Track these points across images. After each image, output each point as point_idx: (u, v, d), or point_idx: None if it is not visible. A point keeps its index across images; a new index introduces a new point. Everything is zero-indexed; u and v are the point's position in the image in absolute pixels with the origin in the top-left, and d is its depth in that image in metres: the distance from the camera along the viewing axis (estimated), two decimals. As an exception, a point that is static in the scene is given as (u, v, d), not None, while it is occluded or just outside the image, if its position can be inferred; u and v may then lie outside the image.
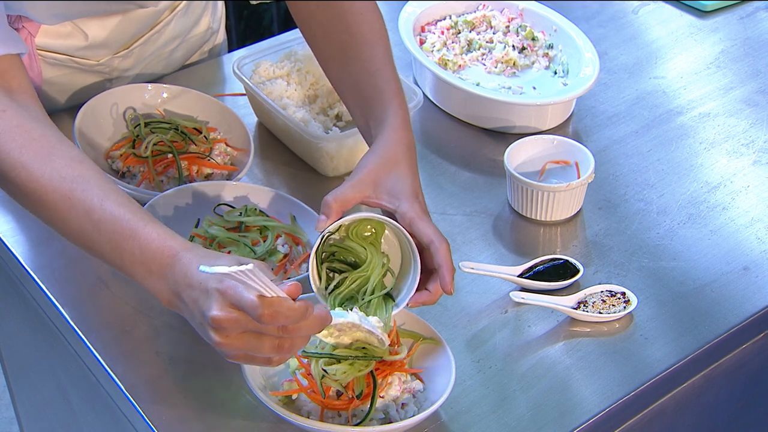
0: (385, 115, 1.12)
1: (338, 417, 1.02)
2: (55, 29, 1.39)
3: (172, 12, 1.50)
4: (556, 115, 1.49)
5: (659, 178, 1.40)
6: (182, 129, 1.34)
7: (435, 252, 1.03)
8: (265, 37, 1.71)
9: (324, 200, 1.05)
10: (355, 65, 1.17)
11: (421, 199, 1.08)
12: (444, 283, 1.03)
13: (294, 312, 0.90)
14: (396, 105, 1.13)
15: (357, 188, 1.06)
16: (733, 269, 1.25)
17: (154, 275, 0.96)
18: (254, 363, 0.95)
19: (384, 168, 1.07)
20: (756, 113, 1.53)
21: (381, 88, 1.14)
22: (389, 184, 1.07)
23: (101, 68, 1.47)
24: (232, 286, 0.89)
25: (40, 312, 1.24)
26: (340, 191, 1.05)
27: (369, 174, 1.07)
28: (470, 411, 1.06)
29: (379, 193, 1.07)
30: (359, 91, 1.16)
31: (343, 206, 1.05)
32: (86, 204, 0.98)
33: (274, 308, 0.89)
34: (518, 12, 1.63)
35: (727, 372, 1.23)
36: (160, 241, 0.96)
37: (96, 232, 0.98)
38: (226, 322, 0.90)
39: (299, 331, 0.92)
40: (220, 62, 1.63)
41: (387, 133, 1.10)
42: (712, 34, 1.72)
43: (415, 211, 1.05)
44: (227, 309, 0.90)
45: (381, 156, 1.08)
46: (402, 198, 1.06)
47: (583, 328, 1.17)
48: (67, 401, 1.37)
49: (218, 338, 0.91)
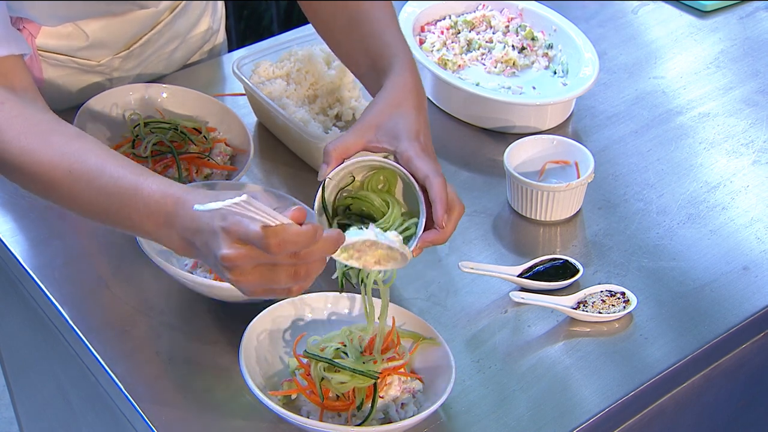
0: (390, 63, 1.12)
1: (338, 417, 1.02)
2: (56, 30, 1.39)
3: (171, 12, 1.50)
4: (556, 115, 1.49)
5: (659, 178, 1.40)
6: (182, 129, 1.34)
7: (429, 187, 1.02)
8: (265, 37, 1.71)
9: (324, 149, 1.05)
10: (362, 29, 1.17)
11: (422, 139, 1.06)
12: (436, 219, 1.02)
13: (302, 236, 0.88)
14: (402, 54, 1.13)
15: (358, 134, 1.06)
16: (733, 269, 1.25)
17: (162, 227, 0.95)
18: (276, 295, 0.94)
19: (386, 111, 1.07)
20: (755, 113, 1.53)
21: (388, 42, 1.15)
22: (390, 125, 1.06)
23: (102, 69, 1.47)
24: (236, 221, 0.88)
25: (40, 312, 1.24)
26: (341, 138, 1.05)
27: (371, 119, 1.07)
28: (470, 411, 1.06)
29: (379, 136, 1.06)
30: (367, 51, 1.16)
31: (343, 153, 1.05)
32: (87, 174, 0.98)
33: (280, 236, 0.87)
34: (518, 12, 1.63)
35: (726, 372, 1.23)
36: (161, 191, 0.95)
37: (103, 198, 0.97)
38: (237, 259, 0.89)
39: (312, 254, 0.91)
40: (220, 62, 1.63)
41: (391, 78, 1.10)
42: (711, 34, 1.72)
43: (413, 150, 1.04)
44: (235, 246, 0.89)
45: (384, 100, 1.08)
46: (401, 138, 1.05)
47: (583, 328, 1.17)
48: (66, 401, 1.37)
49: (233, 276, 0.91)
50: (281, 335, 1.10)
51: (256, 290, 0.93)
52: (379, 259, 1.00)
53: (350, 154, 1.06)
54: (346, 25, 1.19)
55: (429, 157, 1.05)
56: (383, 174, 1.08)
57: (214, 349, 1.12)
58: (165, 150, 1.31)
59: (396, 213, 1.06)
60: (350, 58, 1.21)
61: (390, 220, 1.05)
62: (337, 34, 1.22)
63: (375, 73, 1.15)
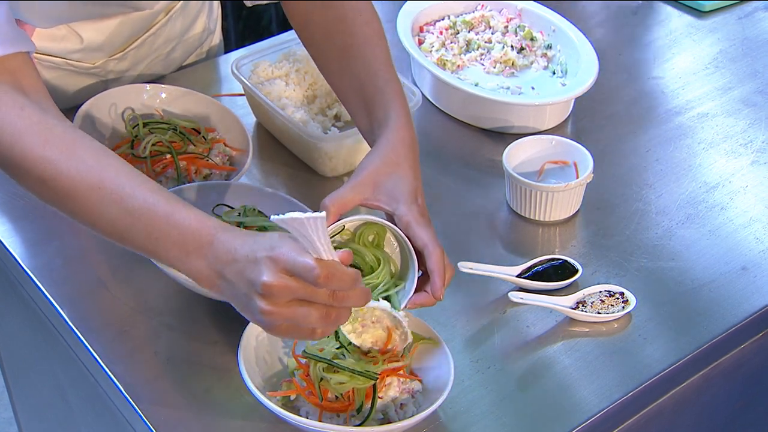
0: (387, 115, 1.12)
1: (337, 418, 1.02)
2: (50, 32, 1.39)
3: (167, 14, 1.50)
4: (555, 115, 1.49)
5: (658, 178, 1.40)
6: (181, 129, 1.34)
7: (428, 257, 1.03)
8: (264, 38, 1.71)
9: (322, 203, 1.05)
10: (356, 66, 1.16)
11: (420, 202, 1.07)
12: (434, 289, 1.03)
13: (348, 276, 0.91)
14: (398, 105, 1.13)
15: (356, 190, 1.06)
16: (732, 269, 1.25)
17: (192, 255, 0.95)
18: (297, 335, 0.95)
19: (384, 169, 1.07)
20: (754, 113, 1.53)
21: (382, 89, 1.14)
22: (389, 185, 1.06)
23: (97, 71, 1.47)
24: (285, 251, 0.89)
25: (39, 312, 1.24)
26: (339, 193, 1.05)
27: (369, 176, 1.07)
28: (469, 411, 1.06)
29: (378, 194, 1.06)
30: (360, 92, 1.16)
31: (341, 209, 1.05)
32: (118, 192, 0.97)
33: (329, 270, 0.89)
34: (517, 12, 1.63)
35: (725, 372, 1.23)
36: (197, 221, 0.95)
37: (129, 219, 0.97)
38: (277, 289, 0.89)
39: (347, 300, 0.92)
40: (218, 63, 1.63)
41: (389, 133, 1.10)
42: (710, 35, 1.72)
43: (412, 214, 1.05)
44: (279, 275, 0.89)
45: (382, 157, 1.08)
46: (400, 200, 1.06)
47: (582, 328, 1.17)
48: (65, 401, 1.37)
49: (267, 306, 0.90)
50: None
51: (282, 326, 0.93)
52: (377, 341, 1.03)
53: (347, 210, 1.06)
54: (337, 56, 1.19)
55: (426, 223, 1.06)
56: (374, 228, 1.08)
57: (213, 349, 1.12)
58: (164, 150, 1.31)
59: (386, 271, 1.06)
60: (342, 94, 1.20)
61: (379, 276, 1.06)
62: (330, 63, 1.21)
63: (368, 119, 1.15)
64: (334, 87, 1.21)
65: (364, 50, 1.17)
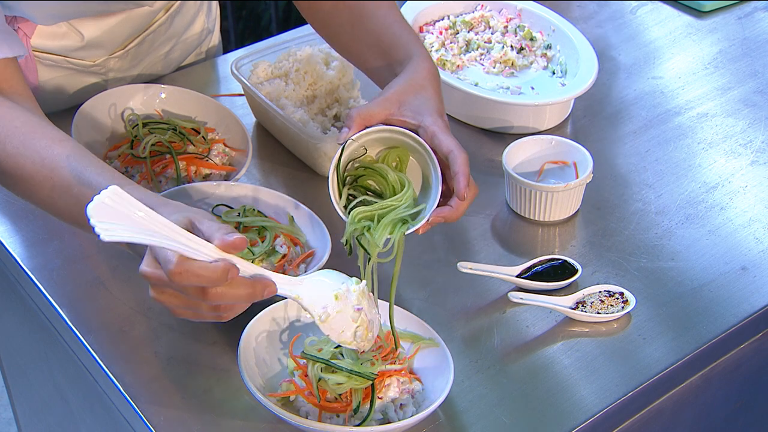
0: (409, 53, 1.13)
1: (336, 418, 1.02)
2: (51, 30, 1.39)
3: (167, 12, 1.50)
4: (555, 115, 1.49)
5: (657, 178, 1.40)
6: (180, 129, 1.34)
7: (453, 161, 1.04)
8: (264, 38, 1.71)
9: (347, 113, 1.06)
10: (369, 23, 1.18)
11: (444, 119, 1.08)
12: (458, 189, 1.03)
13: (207, 271, 0.85)
14: (419, 46, 1.14)
15: (382, 105, 1.07)
16: (731, 269, 1.25)
17: None
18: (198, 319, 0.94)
19: (410, 89, 1.08)
20: (754, 113, 1.53)
21: (399, 36, 1.16)
22: (415, 103, 1.07)
23: (97, 69, 1.47)
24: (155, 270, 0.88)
25: (38, 312, 1.24)
26: (365, 107, 1.06)
27: (395, 94, 1.08)
28: (468, 411, 1.06)
29: (403, 110, 1.07)
30: (377, 44, 1.17)
31: (366, 121, 1.06)
32: (66, 181, 0.98)
33: (184, 266, 0.84)
34: (516, 12, 1.63)
35: (724, 372, 1.23)
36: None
37: (77, 205, 0.98)
38: (150, 278, 0.88)
39: (222, 297, 0.87)
40: (216, 63, 1.63)
41: (414, 63, 1.11)
42: (710, 35, 1.72)
43: (438, 125, 1.05)
44: (153, 264, 0.88)
45: (408, 80, 1.09)
46: (426, 114, 1.07)
47: (582, 329, 1.17)
48: (65, 402, 1.37)
49: (152, 293, 0.90)
50: (279, 336, 1.10)
51: (179, 312, 0.92)
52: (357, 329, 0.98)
53: (373, 122, 1.07)
54: (348, 21, 1.20)
55: (451, 134, 1.06)
56: (397, 152, 1.09)
57: (212, 349, 1.12)
58: (163, 150, 1.31)
59: (410, 194, 1.06)
60: (354, 52, 1.21)
61: (403, 199, 1.05)
62: (338, 29, 1.22)
63: (387, 65, 1.16)
64: (348, 51, 1.23)
65: (377, 10, 1.19)
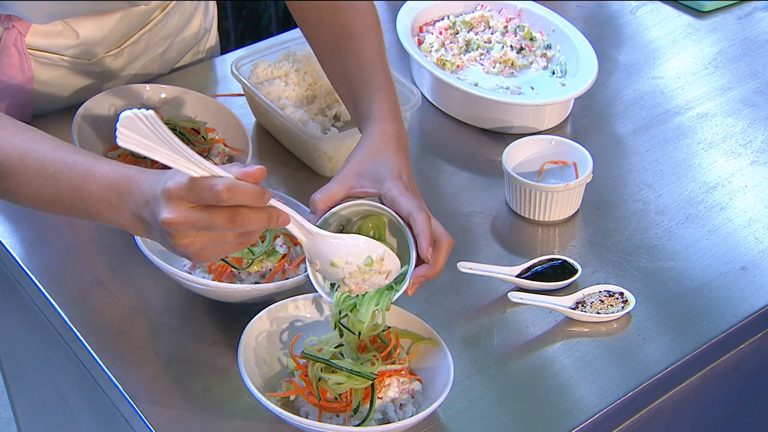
0: (370, 109, 1.13)
1: (336, 418, 1.02)
2: (46, 28, 1.39)
3: (163, 11, 1.50)
4: (554, 115, 1.49)
5: (657, 178, 1.40)
6: (180, 129, 1.34)
7: (413, 223, 1.03)
8: (264, 38, 1.71)
9: (311, 199, 1.06)
10: (346, 59, 1.18)
11: (405, 179, 1.07)
12: (421, 251, 1.02)
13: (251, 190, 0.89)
14: (381, 98, 1.14)
15: (341, 182, 1.07)
16: (731, 269, 1.25)
17: (115, 207, 0.96)
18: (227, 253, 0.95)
19: (366, 158, 1.08)
20: (754, 113, 1.53)
21: (367, 81, 1.15)
22: (371, 170, 1.07)
23: (93, 68, 1.47)
24: (178, 180, 0.89)
25: (38, 312, 1.24)
26: (325, 187, 1.07)
27: (352, 167, 1.08)
28: (468, 411, 1.06)
29: (362, 181, 1.07)
30: (350, 85, 1.18)
31: (328, 201, 1.06)
32: (39, 162, 0.99)
33: (229, 183, 0.87)
34: (516, 12, 1.63)
35: (724, 372, 1.23)
36: (114, 171, 0.96)
37: (54, 184, 0.98)
38: (177, 224, 0.89)
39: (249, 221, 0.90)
40: (215, 63, 1.63)
41: (371, 126, 1.11)
42: (710, 35, 1.72)
43: (396, 189, 1.05)
44: (175, 208, 0.89)
45: (363, 149, 1.09)
46: (384, 179, 1.06)
47: (582, 329, 1.17)
48: (65, 402, 1.37)
49: (178, 241, 0.91)
50: (280, 336, 1.10)
51: (202, 254, 0.93)
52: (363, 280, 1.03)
53: (335, 202, 1.06)
54: (329, 43, 1.20)
55: (412, 195, 1.06)
56: (372, 222, 1.08)
57: (212, 349, 1.12)
58: (163, 150, 1.30)
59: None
60: (336, 88, 1.22)
61: None
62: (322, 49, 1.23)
63: (356, 115, 1.16)
64: (328, 77, 1.24)
65: (354, 43, 1.18)
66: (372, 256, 1.02)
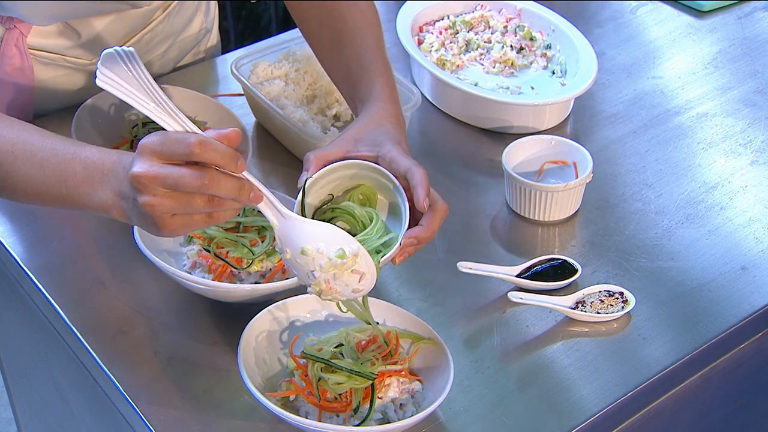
0: (369, 92, 1.12)
1: (336, 418, 1.02)
2: (47, 28, 1.39)
3: (164, 11, 1.50)
4: (554, 115, 1.49)
5: (657, 178, 1.40)
6: (180, 129, 1.34)
7: (411, 177, 1.00)
8: (264, 38, 1.71)
9: (305, 157, 1.04)
10: (345, 52, 1.18)
11: (404, 146, 1.06)
12: (417, 200, 0.99)
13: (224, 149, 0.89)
14: (381, 82, 1.13)
15: (338, 145, 1.06)
16: (731, 269, 1.25)
17: (97, 188, 0.96)
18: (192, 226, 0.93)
19: (366, 128, 1.07)
20: (754, 113, 1.53)
21: (367, 68, 1.15)
22: (371, 137, 1.06)
23: (94, 68, 1.46)
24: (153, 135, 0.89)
25: (38, 312, 1.24)
26: (321, 149, 1.05)
27: (351, 133, 1.07)
28: (468, 411, 1.06)
29: (359, 146, 1.05)
30: (348, 74, 1.17)
31: (323, 160, 1.04)
32: (28, 150, 0.99)
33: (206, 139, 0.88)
34: (516, 12, 1.63)
35: (724, 372, 1.23)
36: (99, 154, 0.97)
37: (40, 170, 0.98)
38: (146, 178, 0.88)
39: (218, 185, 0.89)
40: (215, 63, 1.63)
41: (370, 105, 1.10)
42: (709, 34, 1.72)
43: (395, 151, 1.03)
44: (147, 163, 0.89)
45: (364, 120, 1.08)
46: (383, 144, 1.05)
47: (582, 328, 1.17)
48: (65, 402, 1.37)
49: (145, 198, 0.90)
50: (279, 336, 1.10)
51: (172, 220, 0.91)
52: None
53: (330, 161, 1.04)
54: (329, 42, 1.20)
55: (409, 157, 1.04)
56: (361, 190, 1.06)
57: (212, 349, 1.12)
58: (163, 150, 1.30)
59: (379, 225, 1.02)
60: (336, 82, 1.22)
61: (373, 231, 1.01)
62: (322, 50, 1.22)
63: (353, 101, 1.16)
64: (329, 75, 1.23)
65: (354, 36, 1.18)
66: (345, 249, 0.96)
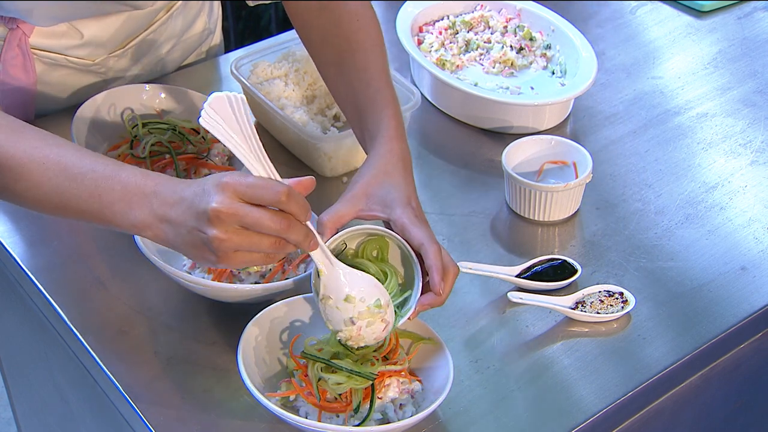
0: (378, 127, 1.13)
1: (336, 418, 1.02)
2: (50, 29, 1.39)
3: (167, 12, 1.50)
4: (554, 115, 1.49)
5: (657, 178, 1.40)
6: (180, 129, 1.34)
7: (425, 255, 1.03)
8: (264, 38, 1.71)
9: (318, 220, 1.06)
10: (350, 73, 1.18)
11: (414, 205, 1.08)
12: (433, 285, 1.03)
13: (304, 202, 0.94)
14: (388, 116, 1.14)
15: (350, 203, 1.07)
16: (731, 269, 1.25)
17: (135, 207, 0.97)
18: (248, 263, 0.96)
19: (375, 180, 1.08)
20: (753, 113, 1.53)
21: (373, 98, 1.15)
22: (381, 194, 1.07)
23: (97, 68, 1.47)
24: (235, 177, 0.92)
25: (38, 312, 1.24)
26: (334, 208, 1.06)
27: (361, 188, 1.08)
28: (468, 411, 1.06)
29: (371, 204, 1.07)
30: (354, 100, 1.17)
31: (337, 223, 1.06)
32: (62, 163, 1.00)
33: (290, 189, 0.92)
34: (516, 12, 1.63)
35: (724, 372, 1.23)
36: (141, 175, 0.98)
37: (74, 183, 0.99)
38: (226, 214, 0.91)
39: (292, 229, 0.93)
40: (217, 63, 1.63)
41: (379, 145, 1.11)
42: (709, 35, 1.72)
43: (407, 217, 1.05)
44: (229, 200, 0.91)
45: (373, 168, 1.09)
46: (394, 206, 1.06)
47: (581, 329, 1.17)
48: (65, 402, 1.37)
49: (218, 232, 0.92)
50: (280, 336, 1.10)
51: (233, 255, 0.94)
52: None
53: (343, 223, 1.06)
54: (333, 63, 1.20)
55: (423, 223, 1.06)
56: (376, 242, 1.08)
57: (212, 349, 1.12)
58: (163, 150, 1.31)
59: (394, 283, 1.06)
60: (339, 101, 1.22)
61: (388, 289, 1.05)
62: (325, 68, 1.23)
63: (361, 131, 1.17)
64: (332, 93, 1.23)
65: (358, 58, 1.18)
66: (381, 300, 1.01)
